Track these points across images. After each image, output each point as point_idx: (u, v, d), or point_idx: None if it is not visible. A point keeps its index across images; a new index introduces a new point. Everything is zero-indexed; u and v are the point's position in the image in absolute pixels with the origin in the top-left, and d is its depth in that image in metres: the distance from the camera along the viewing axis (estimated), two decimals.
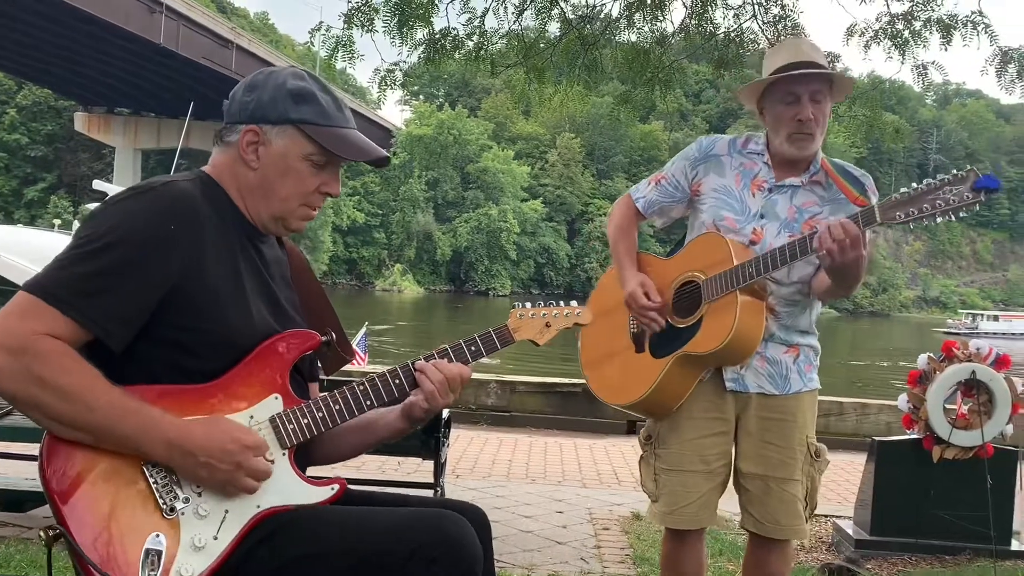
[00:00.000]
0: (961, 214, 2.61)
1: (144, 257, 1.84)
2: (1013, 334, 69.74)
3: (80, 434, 1.80)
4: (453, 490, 5.92)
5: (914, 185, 2.65)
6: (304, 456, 2.06)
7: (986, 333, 70.06)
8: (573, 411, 9.90)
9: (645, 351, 3.04)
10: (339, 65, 6.77)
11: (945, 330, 75.61)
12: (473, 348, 2.12)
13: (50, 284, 1.81)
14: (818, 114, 2.89)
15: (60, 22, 44.26)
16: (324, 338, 2.05)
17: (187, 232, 1.88)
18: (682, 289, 2.99)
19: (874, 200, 2.87)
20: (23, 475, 5.06)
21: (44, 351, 1.76)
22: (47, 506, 1.85)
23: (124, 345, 1.86)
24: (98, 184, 17.79)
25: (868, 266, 2.85)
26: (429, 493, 4.51)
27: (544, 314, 2.18)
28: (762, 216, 2.97)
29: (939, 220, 2.64)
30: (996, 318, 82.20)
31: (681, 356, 2.92)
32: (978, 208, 2.61)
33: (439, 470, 4.75)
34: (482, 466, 7.39)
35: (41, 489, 1.83)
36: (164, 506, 1.83)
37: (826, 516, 5.81)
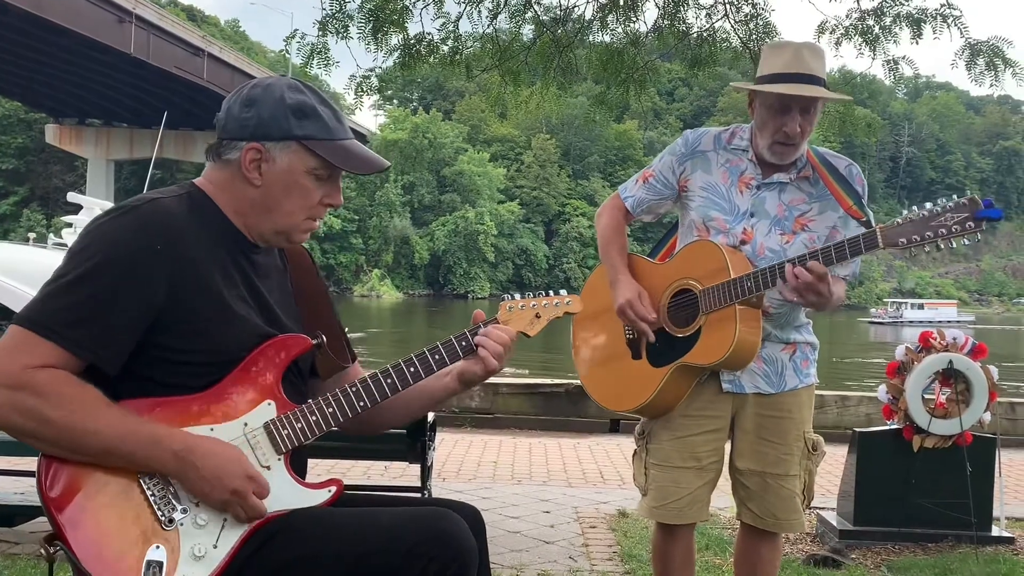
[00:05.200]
0: (964, 241, 2.58)
1: (130, 280, 1.83)
2: (939, 322, 66.99)
3: (86, 457, 1.81)
4: (440, 493, 5.92)
5: (915, 209, 2.63)
6: (301, 458, 2.08)
7: (910, 322, 68.56)
8: (556, 411, 9.91)
9: (643, 358, 3.04)
10: (313, 72, 6.76)
11: (869, 319, 74.63)
12: (464, 344, 2.09)
13: (40, 316, 1.81)
14: (806, 125, 2.88)
15: (28, 34, 43.71)
16: (315, 341, 2.05)
17: (171, 251, 1.87)
18: (677, 297, 2.98)
19: (862, 192, 2.92)
20: (11, 490, 5.02)
21: (40, 384, 1.77)
22: (36, 521, 1.86)
23: (119, 367, 1.87)
24: (72, 196, 17.45)
25: (838, 292, 2.86)
26: (417, 497, 4.51)
27: (534, 304, 2.15)
28: (752, 215, 2.97)
29: (941, 247, 2.61)
30: (921, 306, 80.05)
31: (681, 366, 2.94)
32: (979, 237, 2.56)
33: (426, 474, 4.75)
34: (467, 468, 7.40)
35: (29, 503, 1.84)
36: (163, 518, 1.84)
37: (810, 508, 5.86)
